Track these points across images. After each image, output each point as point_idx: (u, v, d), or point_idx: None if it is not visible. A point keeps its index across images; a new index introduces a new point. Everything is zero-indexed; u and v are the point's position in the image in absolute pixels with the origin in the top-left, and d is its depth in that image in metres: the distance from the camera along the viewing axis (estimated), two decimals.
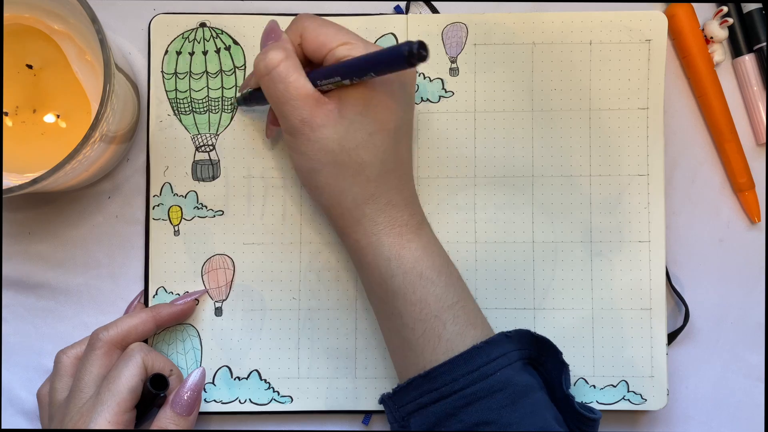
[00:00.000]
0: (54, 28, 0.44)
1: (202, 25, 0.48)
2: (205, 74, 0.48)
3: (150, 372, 0.43)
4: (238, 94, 0.48)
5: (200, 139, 0.48)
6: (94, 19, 0.38)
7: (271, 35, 0.43)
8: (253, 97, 0.45)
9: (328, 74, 0.40)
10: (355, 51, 0.40)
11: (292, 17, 0.48)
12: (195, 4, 0.49)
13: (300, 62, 0.42)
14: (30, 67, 0.45)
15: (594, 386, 0.48)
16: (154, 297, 0.48)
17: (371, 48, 0.40)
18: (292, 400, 0.48)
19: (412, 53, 0.34)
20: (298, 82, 0.40)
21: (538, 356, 0.42)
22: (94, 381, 0.42)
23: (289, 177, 0.48)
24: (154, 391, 0.42)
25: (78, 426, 0.40)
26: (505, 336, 0.41)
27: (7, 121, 0.45)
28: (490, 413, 0.39)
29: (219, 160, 0.48)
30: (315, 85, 0.40)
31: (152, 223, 0.48)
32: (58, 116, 0.45)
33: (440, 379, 0.40)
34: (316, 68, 0.41)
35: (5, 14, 0.44)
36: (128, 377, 0.41)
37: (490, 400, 0.39)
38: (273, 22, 0.44)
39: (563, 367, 0.42)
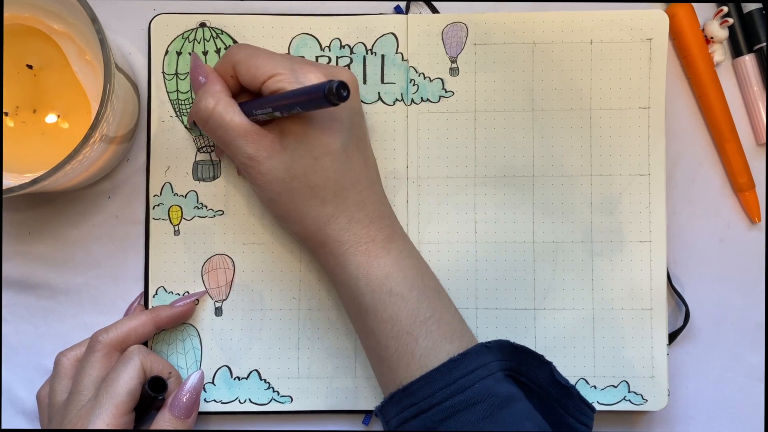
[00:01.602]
0: (54, 28, 0.44)
1: (202, 25, 0.48)
2: None
3: (149, 374, 0.43)
4: (189, 122, 0.48)
5: (202, 140, 0.48)
6: (94, 19, 0.38)
7: (198, 73, 0.44)
8: None
9: (261, 106, 0.40)
10: (285, 83, 0.40)
11: (293, 17, 0.48)
12: (195, 4, 0.49)
13: (234, 93, 0.43)
14: (30, 67, 0.45)
15: (595, 387, 0.48)
16: (154, 297, 0.48)
17: (301, 77, 0.40)
18: (292, 400, 0.48)
19: (332, 92, 0.35)
20: (233, 122, 0.41)
21: (520, 366, 0.42)
22: (93, 383, 0.42)
23: None
24: (152, 393, 0.42)
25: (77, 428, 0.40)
26: (485, 347, 0.41)
27: (8, 121, 0.45)
28: (468, 426, 0.38)
29: (219, 160, 0.48)
30: (251, 115, 0.41)
31: (152, 222, 0.48)
32: (58, 116, 0.45)
33: (418, 393, 0.39)
34: (254, 97, 0.42)
35: (5, 14, 0.44)
36: (127, 380, 0.41)
37: (469, 413, 0.38)
38: (194, 56, 0.45)
39: (548, 366, 0.42)
